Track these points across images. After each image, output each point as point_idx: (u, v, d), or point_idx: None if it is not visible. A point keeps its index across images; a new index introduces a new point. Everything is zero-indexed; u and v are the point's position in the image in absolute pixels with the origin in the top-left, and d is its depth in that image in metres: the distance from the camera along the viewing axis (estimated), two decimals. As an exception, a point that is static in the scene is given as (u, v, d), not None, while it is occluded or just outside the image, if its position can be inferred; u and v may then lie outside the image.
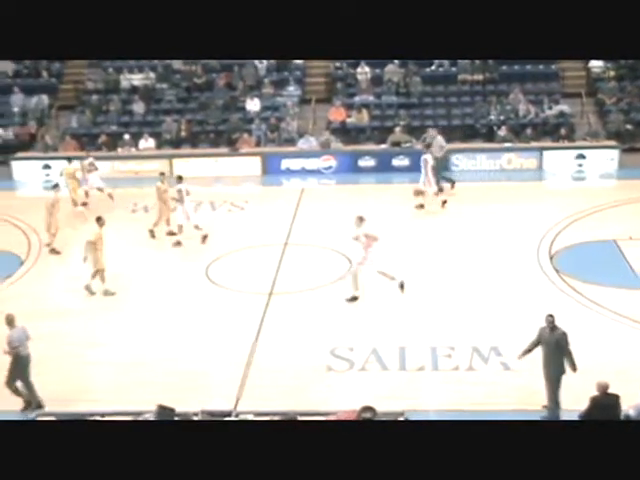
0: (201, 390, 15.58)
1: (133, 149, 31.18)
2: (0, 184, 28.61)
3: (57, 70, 35.84)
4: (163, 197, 23.57)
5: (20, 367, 15.39)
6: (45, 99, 34.36)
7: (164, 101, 34.15)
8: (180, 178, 23.14)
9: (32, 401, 15.34)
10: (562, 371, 13.99)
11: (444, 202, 25.55)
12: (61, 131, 33.15)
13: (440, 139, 27.58)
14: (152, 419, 12.94)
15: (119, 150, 31.15)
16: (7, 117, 34.02)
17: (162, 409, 13.07)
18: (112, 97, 34.12)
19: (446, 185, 26.78)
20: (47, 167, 30.48)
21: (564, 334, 14.04)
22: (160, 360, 16.98)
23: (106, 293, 20.06)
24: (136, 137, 31.58)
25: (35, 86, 35.03)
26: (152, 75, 34.71)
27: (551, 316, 14.18)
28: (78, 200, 26.14)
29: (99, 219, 20.17)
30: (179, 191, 22.82)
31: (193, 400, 14.38)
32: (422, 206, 25.36)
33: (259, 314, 18.82)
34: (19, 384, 15.46)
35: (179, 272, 21.39)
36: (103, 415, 13.44)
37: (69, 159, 27.43)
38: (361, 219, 19.46)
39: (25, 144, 32.46)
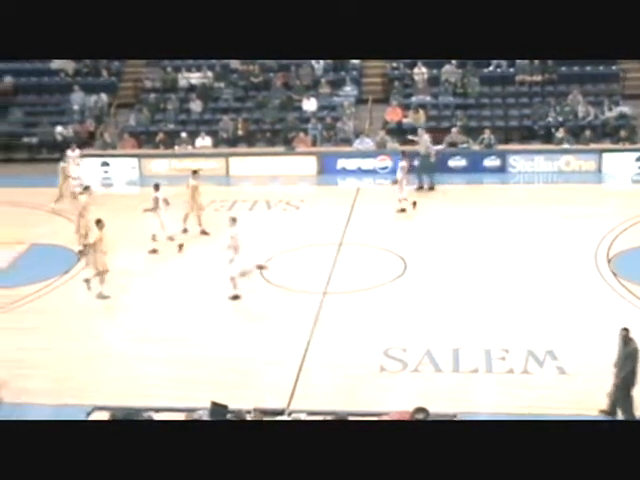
0: (255, 388, 15.63)
1: (190, 147, 31.41)
2: (58, 181, 28.92)
3: (116, 69, 36.25)
4: (195, 195, 23.71)
5: None
6: (104, 97, 34.76)
7: (221, 100, 34.36)
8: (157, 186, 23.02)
9: None
10: (632, 383, 13.90)
11: (414, 203, 25.51)
12: (119, 129, 33.51)
13: (427, 138, 27.83)
14: (205, 416, 13.02)
15: (176, 148, 31.40)
16: (67, 115, 34.48)
17: (215, 406, 13.15)
18: (170, 96, 34.41)
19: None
20: (105, 164, 30.84)
21: (636, 350, 13.89)
22: (215, 357, 17.07)
23: (99, 296, 19.98)
24: (193, 135, 31.82)
25: (95, 85, 35.46)
26: (210, 74, 34.92)
27: (625, 330, 14.04)
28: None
29: (99, 222, 20.15)
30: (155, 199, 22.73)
31: (246, 398, 14.44)
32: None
33: (313, 313, 18.83)
34: None
35: (234, 270, 21.42)
36: (157, 411, 13.55)
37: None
38: (234, 220, 19.99)
39: (84, 141, 32.85)
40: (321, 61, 34.59)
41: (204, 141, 31.50)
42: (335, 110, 33.05)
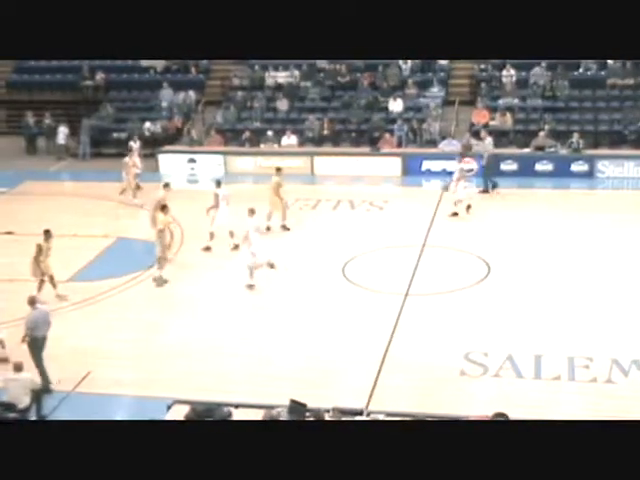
0: (334, 387, 15.66)
1: (276, 146, 31.60)
2: (147, 176, 29.40)
3: (205, 66, 36.67)
4: (278, 192, 23.90)
5: (33, 348, 16.11)
6: (192, 94, 35.21)
7: (308, 99, 34.50)
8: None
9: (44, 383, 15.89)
10: None
11: (468, 207, 25.34)
12: (206, 126, 33.89)
13: (490, 141, 28.13)
14: (284, 413, 13.08)
15: (262, 146, 31.63)
16: (156, 111, 35.02)
17: (294, 404, 13.19)
18: (257, 94, 34.68)
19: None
20: (192, 161, 31.21)
21: None
22: (295, 355, 17.15)
23: (158, 280, 20.77)
24: (279, 134, 32.01)
25: (183, 82, 35.95)
26: (297, 73, 35.10)
27: None
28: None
29: (164, 207, 21.13)
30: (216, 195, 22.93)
31: (325, 397, 14.46)
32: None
33: (394, 314, 18.78)
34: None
35: (316, 269, 21.53)
36: (237, 406, 13.66)
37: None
38: (252, 211, 20.60)
39: (172, 138, 33.34)
40: (408, 62, 34.48)
41: (290, 140, 31.66)
42: (421, 111, 32.91)
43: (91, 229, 24.76)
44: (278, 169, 24.65)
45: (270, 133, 31.90)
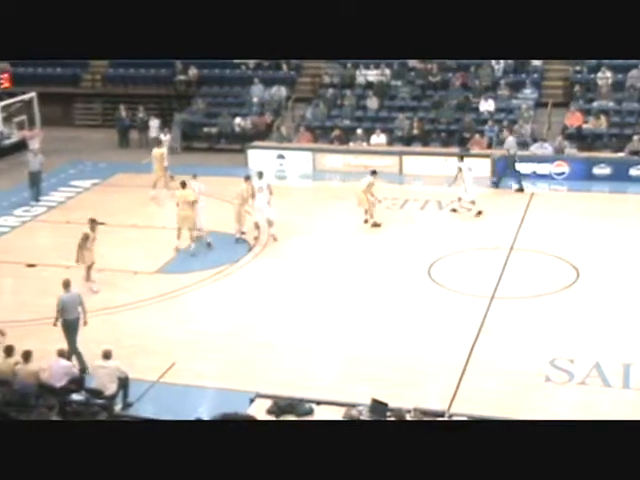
0: (416, 388, 15.57)
1: (365, 144, 31.55)
2: (236, 171, 29.65)
3: (296, 63, 36.81)
4: (370, 191, 24.28)
5: (66, 331, 16.59)
6: (283, 91, 35.38)
7: (398, 98, 34.37)
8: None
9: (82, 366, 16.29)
10: None
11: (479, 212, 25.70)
12: (296, 123, 34.01)
13: (512, 139, 28.45)
14: (365, 412, 13.06)
15: (351, 144, 31.61)
16: (246, 107, 35.29)
17: (376, 403, 13.17)
18: (347, 92, 34.67)
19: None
20: (281, 157, 31.35)
21: None
22: (378, 355, 17.09)
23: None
24: (368, 132, 31.94)
25: (275, 78, 36.16)
26: (387, 72, 34.99)
27: None
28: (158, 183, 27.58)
29: (248, 178, 23.28)
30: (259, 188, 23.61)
31: (407, 397, 14.39)
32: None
33: (479, 317, 18.58)
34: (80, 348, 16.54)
35: (402, 269, 21.43)
36: (319, 403, 13.70)
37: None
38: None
39: (261, 134, 33.55)
40: (501, 62, 34.08)
41: (379, 138, 31.57)
42: (513, 113, 32.49)
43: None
44: (374, 172, 24.96)
45: (359, 131, 31.86)
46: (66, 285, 16.96)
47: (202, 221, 23.24)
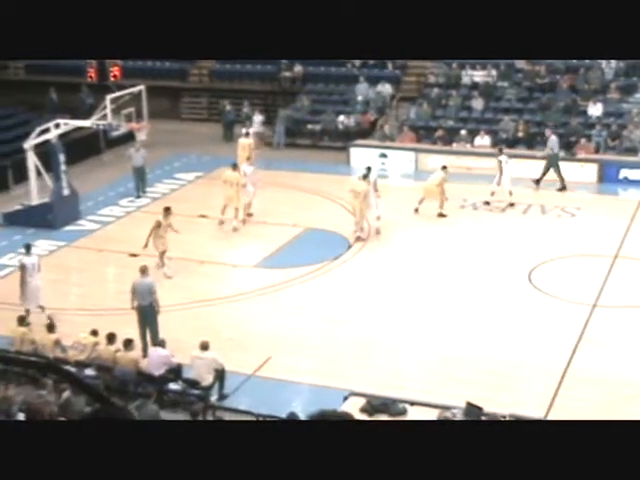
0: (513, 393, 15.37)
1: (468, 145, 31.24)
2: (338, 168, 29.73)
3: (402, 62, 36.66)
4: (442, 185, 25.19)
5: (138, 316, 16.95)
6: (388, 89, 35.28)
7: (504, 99, 33.91)
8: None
9: None
10: None
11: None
12: (400, 122, 33.87)
13: (554, 139, 28.27)
14: (459, 415, 12.93)
15: (454, 145, 31.33)
16: (351, 105, 35.31)
17: (471, 406, 13.02)
18: (452, 92, 34.38)
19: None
20: (383, 156, 31.25)
21: None
22: (476, 358, 16.91)
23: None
24: (472, 133, 31.60)
25: (380, 76, 36.07)
26: (494, 73, 34.56)
27: None
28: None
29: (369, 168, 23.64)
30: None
31: (503, 402, 14.20)
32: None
33: (580, 325, 18.21)
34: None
35: (501, 272, 21.14)
36: (412, 404, 13.62)
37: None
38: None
39: (364, 132, 33.51)
40: (612, 64, 33.31)
41: (483, 140, 31.21)
42: (622, 117, 31.72)
43: (280, 217, 25.23)
44: (444, 167, 25.67)
45: (463, 132, 31.55)
46: (142, 271, 17.44)
47: (245, 202, 24.68)
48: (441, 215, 25.12)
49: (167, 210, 21.54)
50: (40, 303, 18.88)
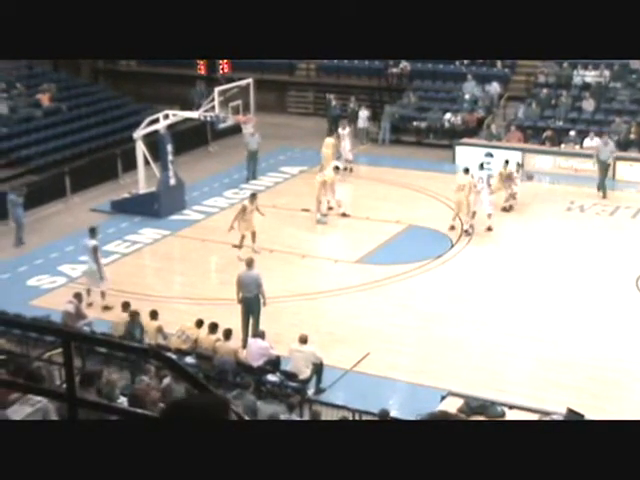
0: (615, 401, 14.99)
1: (577, 147, 30.60)
2: (443, 167, 29.51)
3: (511, 61, 36.13)
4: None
5: (243, 307, 17.16)
6: (497, 87, 34.82)
7: (616, 101, 33.11)
8: None
9: None
10: None
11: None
12: (507, 121, 33.41)
13: (612, 146, 27.81)
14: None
15: (562, 146, 30.74)
16: (458, 103, 34.97)
17: (572, 413, 12.75)
18: (562, 92, 33.72)
19: None
20: (489, 155, 30.84)
21: None
22: (578, 364, 16.55)
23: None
24: (582, 135, 30.94)
25: (488, 75, 35.64)
26: (607, 73, 33.77)
27: None
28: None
29: (467, 170, 23.70)
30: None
31: (606, 410, 13.87)
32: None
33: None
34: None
35: (608, 277, 20.64)
36: (511, 407, 13.42)
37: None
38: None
39: (471, 130, 33.15)
40: None
41: (592, 142, 30.48)
42: None
43: (384, 214, 25.16)
44: (508, 161, 25.98)
45: (572, 133, 30.92)
46: (248, 264, 17.60)
47: (336, 196, 25.00)
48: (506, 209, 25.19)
49: (253, 196, 22.82)
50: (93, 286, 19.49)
